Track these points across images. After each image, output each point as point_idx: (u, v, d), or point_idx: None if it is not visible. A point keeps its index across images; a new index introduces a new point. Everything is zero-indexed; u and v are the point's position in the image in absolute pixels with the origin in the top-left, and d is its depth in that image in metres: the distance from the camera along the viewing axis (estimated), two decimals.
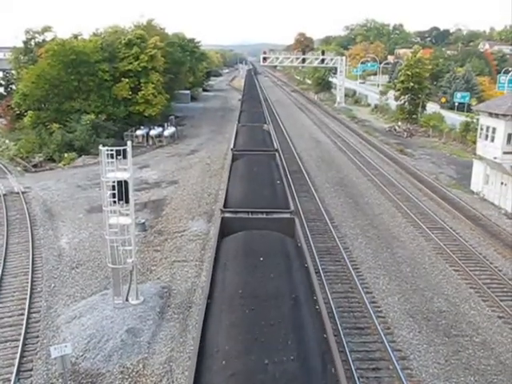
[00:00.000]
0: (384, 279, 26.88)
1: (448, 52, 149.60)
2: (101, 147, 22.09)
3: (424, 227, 34.24)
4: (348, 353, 19.78)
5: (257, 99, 77.65)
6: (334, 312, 22.77)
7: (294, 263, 13.84)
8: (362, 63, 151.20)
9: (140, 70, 69.22)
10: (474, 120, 60.21)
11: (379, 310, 23.66)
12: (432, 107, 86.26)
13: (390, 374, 18.90)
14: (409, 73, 77.29)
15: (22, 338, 21.19)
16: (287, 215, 18.02)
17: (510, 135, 38.73)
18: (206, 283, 12.93)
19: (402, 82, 78.34)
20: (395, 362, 19.28)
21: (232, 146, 32.23)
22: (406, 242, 32.29)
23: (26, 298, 24.66)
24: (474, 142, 47.66)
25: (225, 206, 19.20)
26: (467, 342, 21.35)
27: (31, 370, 19.40)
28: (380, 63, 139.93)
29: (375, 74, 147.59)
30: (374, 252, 30.44)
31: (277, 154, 29.25)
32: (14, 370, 19.11)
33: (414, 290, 25.87)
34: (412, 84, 76.82)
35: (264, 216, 17.97)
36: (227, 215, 18.05)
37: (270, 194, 20.79)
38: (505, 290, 25.96)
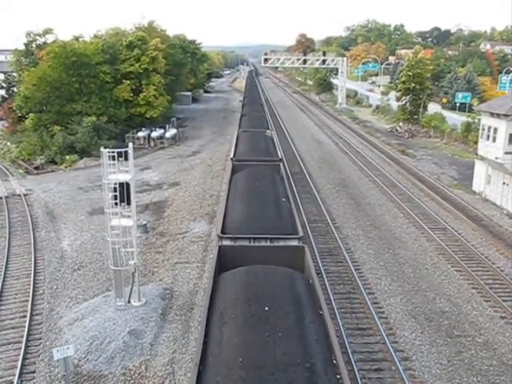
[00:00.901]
0: (386, 280, 26.86)
1: (449, 52, 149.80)
2: (102, 149, 22.11)
3: (426, 228, 34.22)
4: (350, 354, 19.77)
5: (258, 102, 74.56)
6: (336, 313, 22.77)
7: (306, 312, 11.76)
8: (363, 64, 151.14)
9: (141, 71, 69.32)
10: (476, 120, 60.17)
11: (381, 310, 23.64)
12: (433, 108, 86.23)
13: (393, 375, 18.88)
14: (410, 73, 77.25)
15: (24, 340, 21.21)
16: (295, 242, 16.14)
17: (511, 135, 38.69)
18: (198, 341, 10.98)
19: (404, 82, 78.30)
20: (397, 363, 19.26)
21: (232, 155, 29.99)
22: (407, 242, 32.27)
23: (28, 300, 24.68)
24: (476, 143, 47.59)
25: (223, 232, 17.13)
26: (469, 342, 21.32)
27: (34, 372, 19.41)
28: (381, 64, 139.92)
29: (376, 75, 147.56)
30: (376, 253, 30.42)
31: (281, 165, 27.09)
32: (17, 372, 19.13)
33: (416, 290, 25.84)
34: (413, 84, 76.76)
35: (268, 244, 16.11)
36: (225, 243, 16.17)
37: (274, 215, 18.82)
38: (507, 290, 25.92)
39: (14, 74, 78.05)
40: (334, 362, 10.17)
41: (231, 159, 28.76)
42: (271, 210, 19.16)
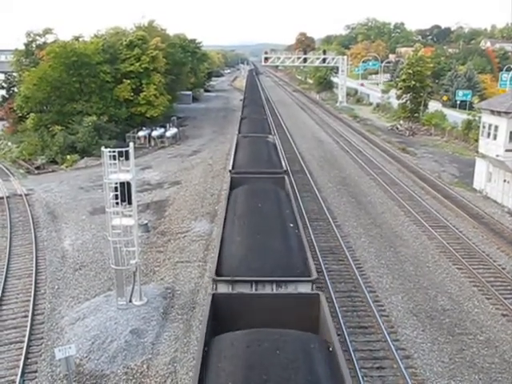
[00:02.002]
0: (387, 278, 26.86)
1: (449, 50, 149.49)
2: (103, 149, 22.13)
3: (427, 226, 34.21)
4: (352, 352, 19.78)
5: (259, 103, 71.75)
6: (338, 311, 22.78)
7: None
8: (364, 62, 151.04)
9: (141, 71, 69.36)
10: (476, 118, 60.09)
11: (383, 308, 23.64)
12: (434, 105, 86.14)
13: (394, 373, 18.89)
14: (410, 71, 77.25)
15: (26, 339, 21.24)
16: (308, 286, 13.52)
17: None
18: None
19: (404, 80, 78.31)
20: (399, 361, 19.26)
21: (230, 167, 27.07)
22: (409, 240, 32.26)
23: (29, 300, 24.72)
24: (477, 140, 47.56)
25: (218, 273, 14.47)
26: (471, 340, 21.32)
27: (36, 371, 19.44)
28: (381, 62, 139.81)
29: (377, 73, 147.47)
30: (377, 251, 30.41)
31: (286, 178, 24.47)
32: (19, 371, 19.16)
33: (418, 288, 25.84)
34: (414, 82, 76.77)
35: (275, 292, 13.63)
36: (221, 291, 13.68)
37: (281, 248, 15.98)
38: (508, 287, 25.90)
39: (15, 74, 78.01)
40: None
41: (229, 171, 26.00)
42: (277, 242, 16.23)
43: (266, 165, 27.56)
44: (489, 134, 40.87)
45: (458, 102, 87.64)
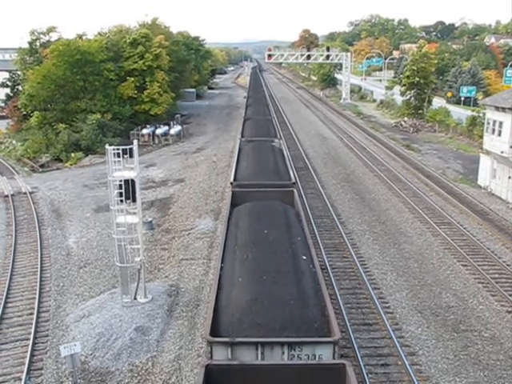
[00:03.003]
0: (392, 275, 26.84)
1: (454, 46, 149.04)
2: (107, 146, 22.14)
3: (431, 222, 34.15)
4: (356, 349, 19.78)
5: (263, 102, 67.66)
6: (342, 308, 22.78)
7: None
8: (367, 59, 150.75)
9: (145, 68, 69.48)
10: (481, 114, 60.00)
11: (387, 305, 23.61)
12: (438, 102, 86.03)
13: (399, 370, 18.88)
14: (414, 68, 77.07)
15: (31, 337, 21.31)
16: (328, 350, 10.80)
17: None
18: None
19: (408, 77, 78.12)
20: (404, 358, 19.26)
21: (232, 178, 24.20)
22: (413, 237, 32.22)
23: (35, 298, 24.79)
24: (481, 137, 47.47)
25: (214, 331, 11.60)
26: (476, 337, 21.29)
27: (41, 368, 19.50)
28: (385, 59, 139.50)
29: (380, 70, 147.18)
30: (382, 248, 30.39)
31: (295, 191, 21.71)
32: (25, 368, 19.22)
33: (422, 285, 25.81)
34: (418, 79, 76.60)
35: (285, 362, 11.04)
36: (218, 356, 11.07)
37: (293, 294, 12.88)
38: None
39: (19, 72, 78.25)
40: None
41: (231, 184, 23.16)
42: (288, 285, 13.21)
43: (272, 176, 24.59)
44: (493, 131, 40.76)
45: (463, 99, 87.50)
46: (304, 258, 15.00)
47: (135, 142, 22.70)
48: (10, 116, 74.95)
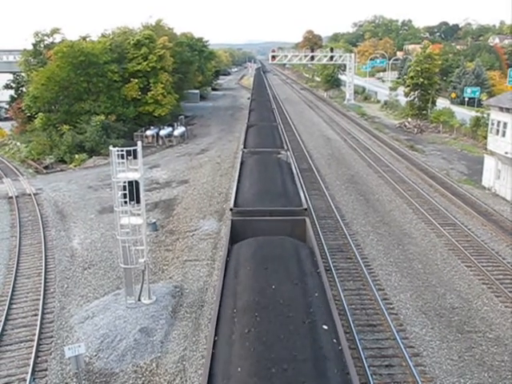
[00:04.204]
0: (396, 276, 26.81)
1: (458, 47, 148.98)
2: (111, 148, 22.20)
3: (435, 223, 34.10)
4: (361, 350, 19.76)
5: (268, 107, 62.32)
6: (346, 309, 22.76)
7: None
8: (371, 60, 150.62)
9: (149, 70, 69.58)
10: (485, 115, 59.89)
11: (391, 306, 23.60)
12: (442, 103, 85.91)
13: (404, 371, 18.86)
14: (418, 68, 76.95)
15: (36, 338, 21.36)
16: None
17: None
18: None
19: (412, 77, 77.98)
20: (408, 359, 19.23)
21: (232, 203, 20.07)
22: (417, 238, 32.18)
23: (39, 299, 24.85)
24: (485, 137, 47.42)
25: None
26: (480, 338, 21.25)
27: (46, 369, 19.55)
28: (389, 59, 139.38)
29: (384, 71, 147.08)
30: (386, 249, 30.36)
31: (308, 221, 17.84)
32: (29, 369, 19.28)
33: (426, 286, 25.77)
34: (422, 80, 76.46)
35: None
36: None
37: (310, 375, 9.74)
38: None
39: (23, 74, 78.44)
40: None
41: (231, 210, 19.47)
42: (304, 364, 10.00)
43: (279, 199, 20.59)
44: (497, 131, 40.72)
45: (467, 99, 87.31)
46: (325, 327, 11.42)
47: (139, 143, 22.76)
48: (15, 118, 75.19)
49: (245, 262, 14.53)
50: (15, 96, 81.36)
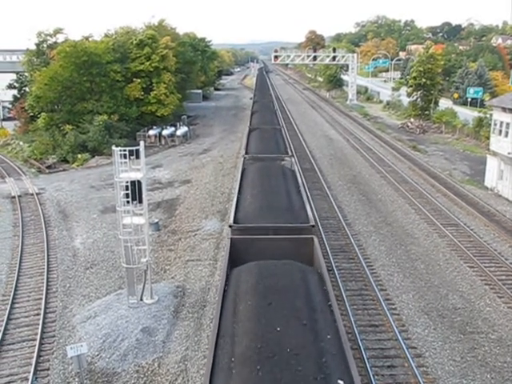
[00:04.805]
0: (398, 276, 26.78)
1: (460, 47, 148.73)
2: (114, 148, 22.21)
3: (438, 224, 34.06)
4: (363, 350, 19.75)
5: (271, 108, 59.56)
6: (349, 310, 22.74)
7: None
8: (374, 60, 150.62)
9: (152, 70, 69.58)
10: (488, 115, 59.79)
11: (393, 307, 23.57)
12: (445, 103, 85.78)
13: (406, 372, 18.83)
14: (421, 69, 76.93)
15: (38, 337, 21.39)
16: None
17: None
18: None
19: (415, 78, 77.98)
20: (410, 360, 19.21)
21: (232, 219, 18.19)
22: (419, 238, 32.14)
23: (41, 298, 24.88)
24: (488, 138, 47.32)
25: None
26: (483, 338, 21.21)
27: (48, 369, 19.57)
28: (391, 60, 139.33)
29: (387, 71, 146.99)
30: (388, 249, 30.32)
31: (316, 240, 15.98)
32: (32, 369, 19.30)
33: (429, 286, 25.74)
34: (424, 80, 76.45)
35: None
36: None
37: None
38: None
39: (26, 73, 78.56)
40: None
41: (230, 227, 17.63)
42: None
43: (283, 214, 18.72)
44: (500, 132, 40.67)
45: (469, 100, 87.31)
46: (341, 382, 9.66)
47: (142, 143, 22.75)
48: (18, 117, 75.24)
49: (245, 295, 12.62)
50: (18, 96, 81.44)
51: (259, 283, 12.97)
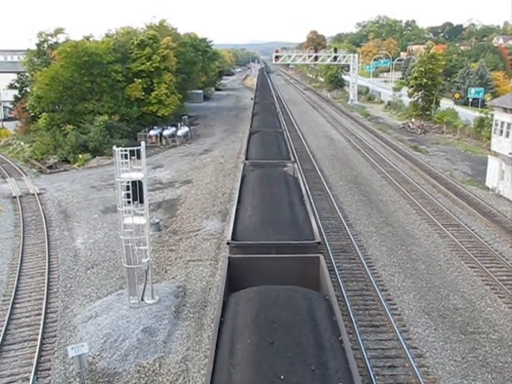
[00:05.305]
0: (399, 276, 26.77)
1: (461, 47, 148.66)
2: (115, 148, 22.22)
3: (439, 224, 34.04)
4: (364, 350, 19.74)
5: (272, 111, 57.36)
6: (350, 310, 22.74)
7: None
8: (375, 60, 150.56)
9: (152, 70, 69.66)
10: (489, 115, 59.77)
11: (394, 307, 23.56)
12: (446, 103, 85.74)
13: (406, 372, 18.83)
14: (422, 69, 76.91)
15: (39, 337, 21.40)
16: None
17: None
18: None
19: (416, 78, 77.96)
20: (411, 360, 19.20)
21: (230, 235, 16.79)
22: (420, 239, 32.13)
23: (42, 299, 24.89)
24: (489, 138, 47.30)
25: None
26: (484, 339, 21.20)
27: (49, 369, 19.58)
28: (393, 60, 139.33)
29: (388, 71, 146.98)
30: (389, 249, 30.32)
31: (322, 259, 14.68)
32: (33, 369, 19.31)
33: (430, 287, 25.73)
34: (425, 80, 76.41)
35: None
36: None
37: None
38: None
39: (27, 74, 78.64)
40: None
41: (228, 244, 16.23)
42: None
43: (286, 229, 17.29)
44: (501, 132, 40.66)
45: (470, 100, 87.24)
46: None
47: (143, 143, 22.77)
48: (19, 117, 75.37)
49: (244, 330, 11.16)
50: (19, 96, 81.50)
51: (260, 316, 11.48)
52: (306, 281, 13.68)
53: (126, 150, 21.96)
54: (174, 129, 68.57)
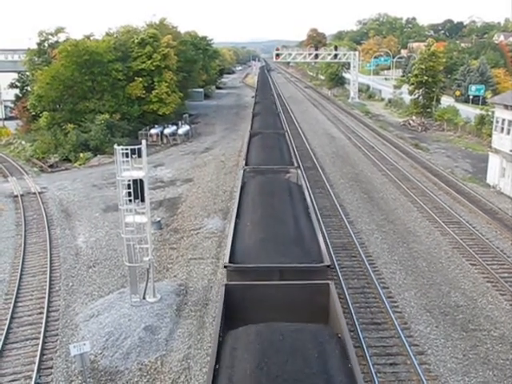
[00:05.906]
0: (400, 274, 26.79)
1: (462, 44, 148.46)
2: (116, 146, 22.24)
3: (440, 221, 34.06)
4: (365, 348, 19.77)
5: (273, 111, 56.10)
6: (351, 307, 22.77)
7: None
8: (375, 58, 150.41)
9: (153, 68, 69.59)
10: (490, 113, 59.74)
11: (396, 304, 23.59)
12: (446, 101, 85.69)
13: (408, 369, 18.86)
14: (422, 66, 76.83)
15: (41, 336, 21.44)
16: None
17: None
18: None
19: (416, 75, 77.89)
20: (412, 357, 19.23)
21: (227, 257, 14.94)
22: (421, 236, 32.14)
23: (44, 297, 24.93)
24: (490, 135, 47.29)
25: None
26: (485, 336, 21.22)
27: (51, 367, 19.62)
28: (393, 57, 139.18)
29: (388, 69, 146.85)
30: (390, 247, 30.33)
31: (332, 286, 13.11)
32: (35, 367, 19.35)
33: (431, 284, 25.75)
34: (426, 78, 76.33)
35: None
36: None
37: None
38: None
39: (28, 73, 78.64)
40: None
41: (225, 267, 14.66)
42: None
43: (291, 249, 15.49)
44: (502, 129, 40.65)
45: (471, 97, 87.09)
46: None
47: (143, 141, 22.79)
48: (20, 117, 75.36)
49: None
50: (20, 95, 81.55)
51: (261, 368, 9.65)
52: (313, 312, 12.38)
53: (127, 149, 21.99)
54: (174, 127, 68.57)
